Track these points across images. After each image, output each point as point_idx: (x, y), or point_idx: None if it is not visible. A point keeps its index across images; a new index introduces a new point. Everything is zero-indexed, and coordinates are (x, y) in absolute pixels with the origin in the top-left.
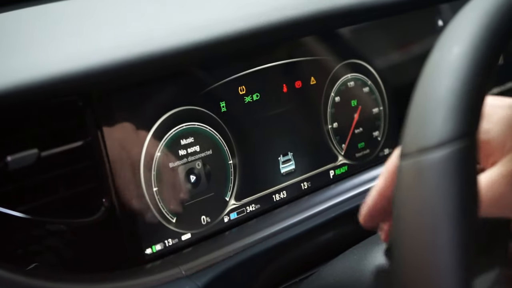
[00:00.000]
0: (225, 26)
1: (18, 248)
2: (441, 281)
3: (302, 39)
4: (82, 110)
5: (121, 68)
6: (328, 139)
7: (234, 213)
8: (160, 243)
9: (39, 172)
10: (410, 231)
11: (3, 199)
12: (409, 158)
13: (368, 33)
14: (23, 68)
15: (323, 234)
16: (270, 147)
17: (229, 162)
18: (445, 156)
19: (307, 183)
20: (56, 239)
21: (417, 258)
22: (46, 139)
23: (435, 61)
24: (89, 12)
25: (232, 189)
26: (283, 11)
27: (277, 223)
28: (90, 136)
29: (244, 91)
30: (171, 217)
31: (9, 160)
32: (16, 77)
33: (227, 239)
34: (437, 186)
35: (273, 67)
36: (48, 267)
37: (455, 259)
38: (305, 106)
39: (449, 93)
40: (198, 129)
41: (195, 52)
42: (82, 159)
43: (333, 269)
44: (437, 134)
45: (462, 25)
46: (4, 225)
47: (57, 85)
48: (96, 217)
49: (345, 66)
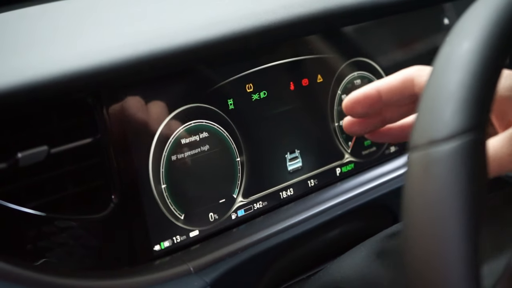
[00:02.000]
0: (233, 24)
1: (27, 243)
2: (450, 273)
3: (309, 37)
4: (92, 107)
5: (130, 65)
6: (335, 137)
7: (241, 210)
8: (168, 239)
9: (48, 168)
10: (419, 223)
11: (13, 195)
12: (419, 150)
13: (374, 31)
14: (33, 66)
15: (330, 231)
16: (277, 144)
17: (236, 160)
18: (455, 149)
19: (313, 180)
20: (65, 235)
21: (426, 250)
22: (56, 136)
23: (446, 55)
24: (99, 10)
25: (240, 187)
26: (290, 9)
27: (284, 220)
28: (99, 134)
29: (251, 89)
30: (179, 214)
31: (20, 157)
32: (26, 75)
33: (234, 236)
34: (447, 178)
35: (280, 65)
36: (57, 263)
37: (464, 251)
38: (312, 104)
39: (459, 86)
40: (206, 127)
41: (203, 50)
42: (91, 156)
43: (340, 266)
44: (447, 126)
45: (472, 20)
46: (14, 221)
47: (67, 82)
48: (104, 214)
49: (351, 64)
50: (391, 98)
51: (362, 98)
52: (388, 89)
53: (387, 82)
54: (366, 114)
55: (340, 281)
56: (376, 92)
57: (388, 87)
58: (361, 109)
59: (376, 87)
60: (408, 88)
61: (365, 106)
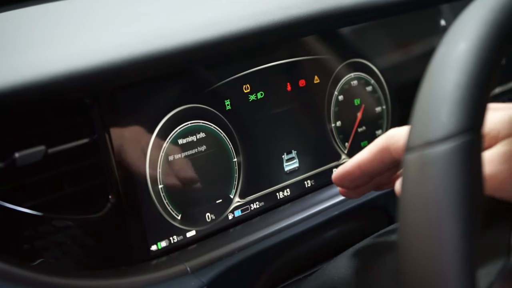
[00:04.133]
0: (230, 25)
1: (24, 243)
2: (446, 274)
3: (306, 38)
4: (89, 107)
5: (127, 66)
6: (332, 138)
7: (238, 211)
8: (165, 239)
9: (46, 168)
10: (415, 224)
11: (10, 195)
12: (414, 152)
13: (371, 33)
14: (30, 66)
15: (327, 232)
16: (274, 145)
17: (233, 160)
18: (450, 150)
19: (310, 181)
20: (62, 235)
21: (422, 251)
22: (53, 136)
23: (442, 56)
24: (96, 11)
25: (237, 187)
26: (287, 10)
27: (281, 220)
28: (97, 134)
29: (248, 90)
30: (176, 214)
31: (17, 157)
32: (23, 74)
33: (231, 236)
34: (442, 179)
35: (277, 65)
36: (54, 262)
37: (459, 252)
38: (309, 104)
39: (455, 87)
40: (203, 127)
41: (200, 51)
42: (89, 156)
43: (337, 266)
44: (443, 128)
45: (468, 21)
46: (11, 221)
47: (64, 83)
48: (102, 214)
49: (348, 65)
50: (373, 170)
51: (346, 175)
52: (366, 163)
53: (364, 157)
54: (356, 186)
55: (336, 281)
56: (357, 168)
57: (366, 162)
58: (349, 183)
59: (357, 162)
60: (387, 157)
61: (351, 181)
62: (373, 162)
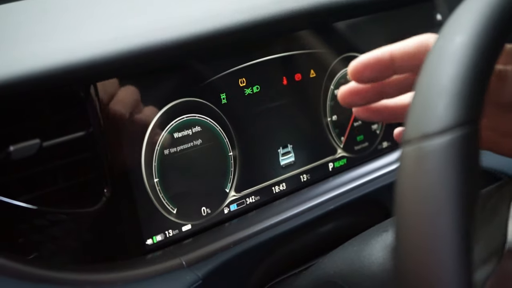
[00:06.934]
0: (226, 19)
1: (19, 237)
2: (441, 268)
3: (302, 32)
4: (84, 100)
5: (123, 59)
6: (328, 132)
7: (234, 205)
8: (161, 233)
9: (41, 162)
10: (411, 218)
11: (5, 189)
12: (411, 144)
13: (367, 27)
14: (25, 58)
15: (322, 226)
16: (270, 139)
17: (229, 154)
18: (447, 143)
19: (306, 175)
20: (57, 229)
21: (418, 244)
22: (48, 129)
23: (438, 49)
24: (91, 3)
25: (232, 181)
26: (283, 3)
27: (277, 214)
28: (92, 127)
29: (244, 83)
30: (171, 208)
31: (12, 150)
32: (18, 67)
33: (227, 230)
34: (439, 172)
35: (273, 59)
36: (49, 256)
37: (456, 246)
38: (304, 98)
39: (452, 80)
40: (199, 121)
41: (196, 44)
42: (84, 149)
43: (333, 260)
44: (440, 120)
45: (465, 13)
46: (5, 215)
47: (59, 75)
48: (97, 208)
49: (344, 59)
50: (404, 63)
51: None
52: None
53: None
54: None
55: (332, 275)
56: (389, 56)
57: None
58: (370, 74)
59: (390, 51)
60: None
61: (375, 71)
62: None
